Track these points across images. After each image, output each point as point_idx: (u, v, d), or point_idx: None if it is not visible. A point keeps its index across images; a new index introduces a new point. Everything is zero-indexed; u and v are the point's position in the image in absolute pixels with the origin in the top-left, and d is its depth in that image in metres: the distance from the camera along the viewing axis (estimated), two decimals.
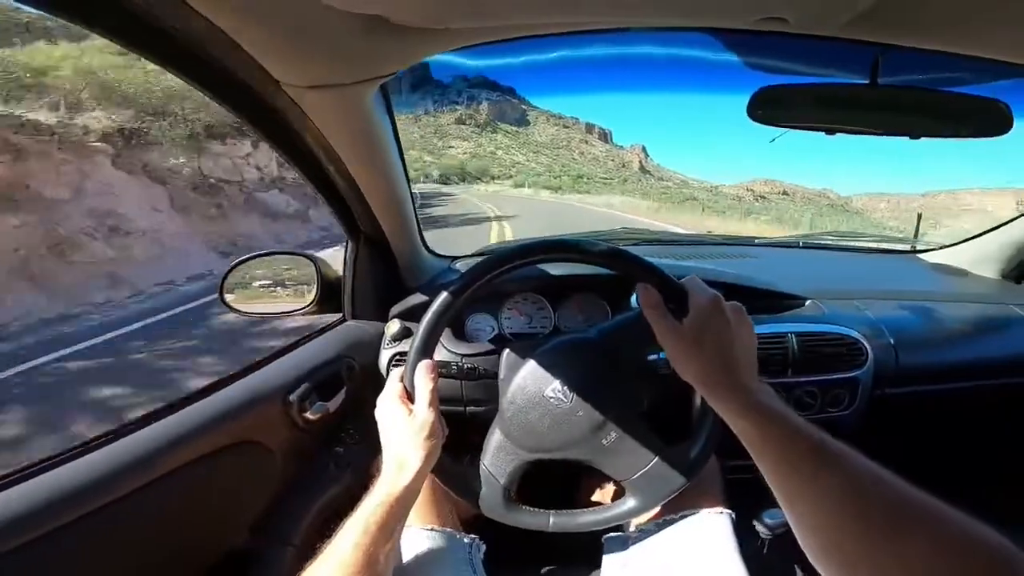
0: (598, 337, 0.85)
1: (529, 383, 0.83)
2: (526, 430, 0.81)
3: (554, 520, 0.83)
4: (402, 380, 0.79)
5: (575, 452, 0.81)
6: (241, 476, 0.96)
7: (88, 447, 0.78)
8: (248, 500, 0.98)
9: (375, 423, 0.78)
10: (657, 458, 0.80)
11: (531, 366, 0.84)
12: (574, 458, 0.81)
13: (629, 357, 0.82)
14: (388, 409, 0.76)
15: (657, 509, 0.87)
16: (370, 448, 1.13)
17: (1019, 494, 1.53)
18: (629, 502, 0.82)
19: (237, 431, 0.92)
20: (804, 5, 0.58)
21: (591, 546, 0.99)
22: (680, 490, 0.81)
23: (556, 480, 0.87)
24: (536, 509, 0.84)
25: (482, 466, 0.83)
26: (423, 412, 0.74)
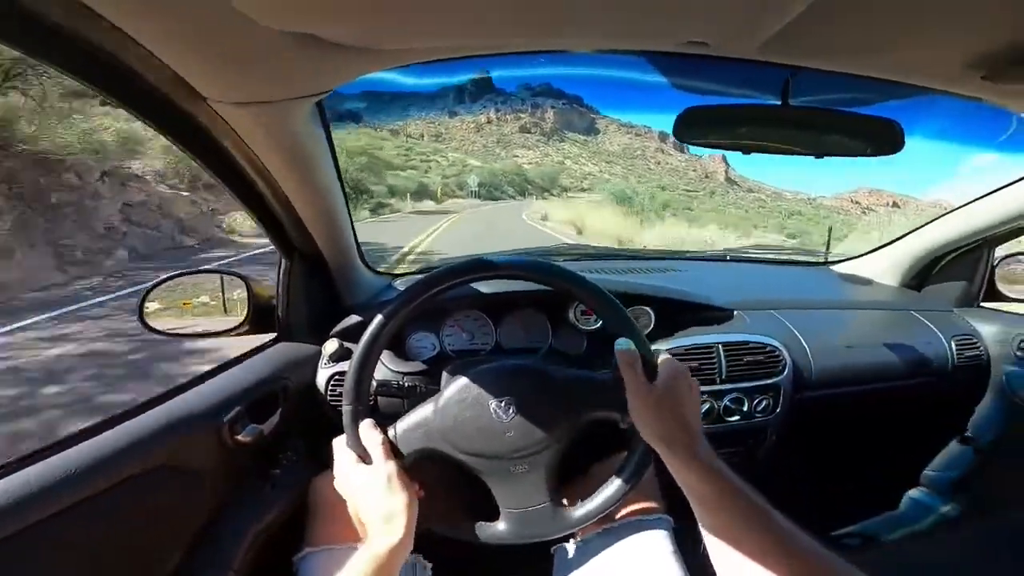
0: (564, 382, 0.85)
1: (482, 386, 0.83)
2: (454, 421, 0.81)
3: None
4: (348, 446, 0.80)
5: (482, 464, 0.82)
6: (169, 501, 0.91)
7: (3, 471, 0.72)
8: (179, 526, 0.93)
9: (311, 444, 0.77)
10: (542, 505, 0.83)
11: (489, 375, 0.84)
12: (478, 468, 0.82)
13: (582, 413, 0.83)
14: (348, 474, 0.79)
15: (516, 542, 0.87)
16: (307, 469, 1.10)
17: (957, 500, 1.66)
18: (498, 528, 0.84)
19: (162, 454, 0.88)
20: (722, 28, 0.63)
21: (541, 557, 1.00)
22: (546, 538, 0.84)
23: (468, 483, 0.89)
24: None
25: (391, 431, 0.82)
26: (382, 464, 0.77)
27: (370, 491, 0.76)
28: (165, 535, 0.91)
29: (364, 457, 0.79)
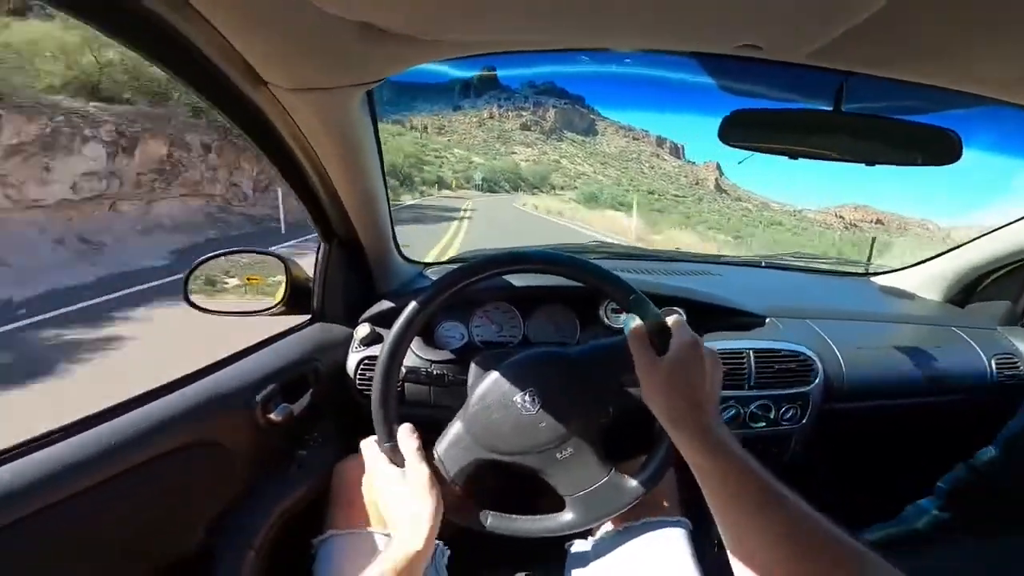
0: (576, 356, 0.86)
1: (501, 385, 0.83)
2: (487, 428, 0.82)
3: (491, 521, 0.83)
4: (381, 449, 0.81)
5: (529, 459, 0.82)
6: (200, 477, 0.93)
7: (39, 443, 0.75)
8: (207, 501, 0.96)
9: (339, 426, 0.78)
10: (603, 480, 0.82)
11: (505, 370, 0.84)
12: (527, 464, 0.82)
13: (602, 381, 0.84)
14: (381, 476, 0.79)
15: (591, 526, 0.88)
16: (333, 451, 1.12)
17: (952, 507, 1.62)
18: (567, 516, 0.83)
19: (198, 431, 0.90)
20: (777, 33, 0.61)
21: (556, 553, 1.00)
22: (617, 513, 0.83)
23: (520, 484, 0.89)
24: (475, 508, 0.85)
25: (434, 454, 0.83)
26: (415, 469, 0.77)
27: (399, 496, 0.77)
28: (193, 512, 0.94)
29: (396, 461, 0.79)
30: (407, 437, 0.80)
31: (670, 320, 0.75)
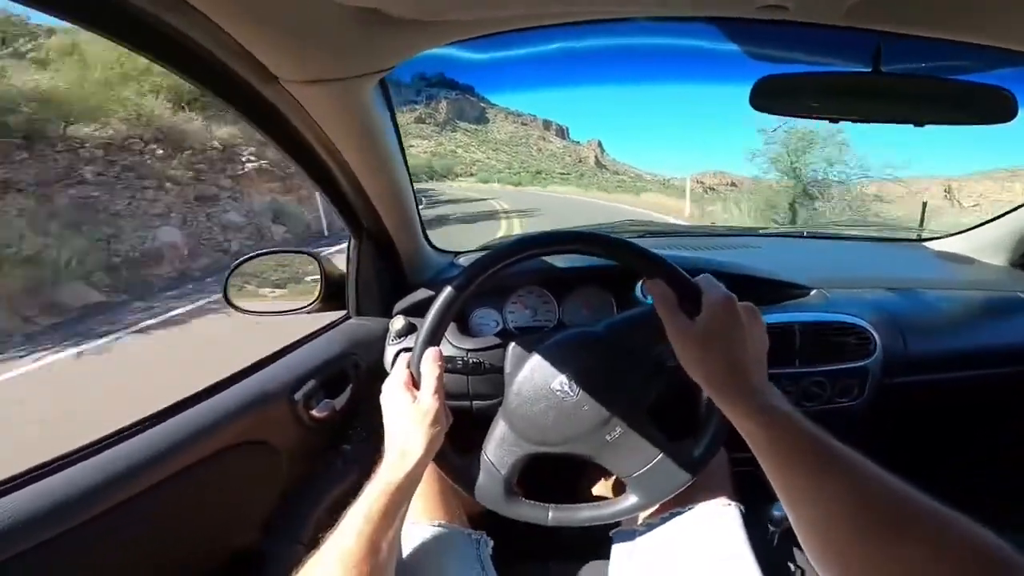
0: (606, 332, 0.84)
1: (536, 376, 0.83)
2: (530, 423, 0.81)
3: (553, 514, 0.83)
4: (408, 367, 0.79)
5: (579, 447, 0.81)
6: (249, 475, 0.96)
7: (96, 448, 0.78)
8: (256, 499, 0.99)
9: (382, 420, 0.78)
10: (660, 455, 0.80)
11: (538, 359, 0.83)
12: (577, 453, 0.81)
13: (636, 353, 0.82)
14: (393, 396, 0.77)
15: (656, 506, 0.86)
16: (377, 445, 1.13)
17: None
18: (630, 498, 0.82)
19: (244, 430, 0.92)
20: None
21: (600, 540, 0.99)
22: (682, 488, 0.81)
23: (558, 472, 0.87)
24: (536, 502, 0.84)
25: (484, 457, 0.83)
26: (428, 399, 0.74)
27: (402, 418, 0.74)
28: (243, 509, 0.96)
29: (416, 381, 0.77)
30: (429, 362, 0.76)
31: (697, 279, 0.71)
